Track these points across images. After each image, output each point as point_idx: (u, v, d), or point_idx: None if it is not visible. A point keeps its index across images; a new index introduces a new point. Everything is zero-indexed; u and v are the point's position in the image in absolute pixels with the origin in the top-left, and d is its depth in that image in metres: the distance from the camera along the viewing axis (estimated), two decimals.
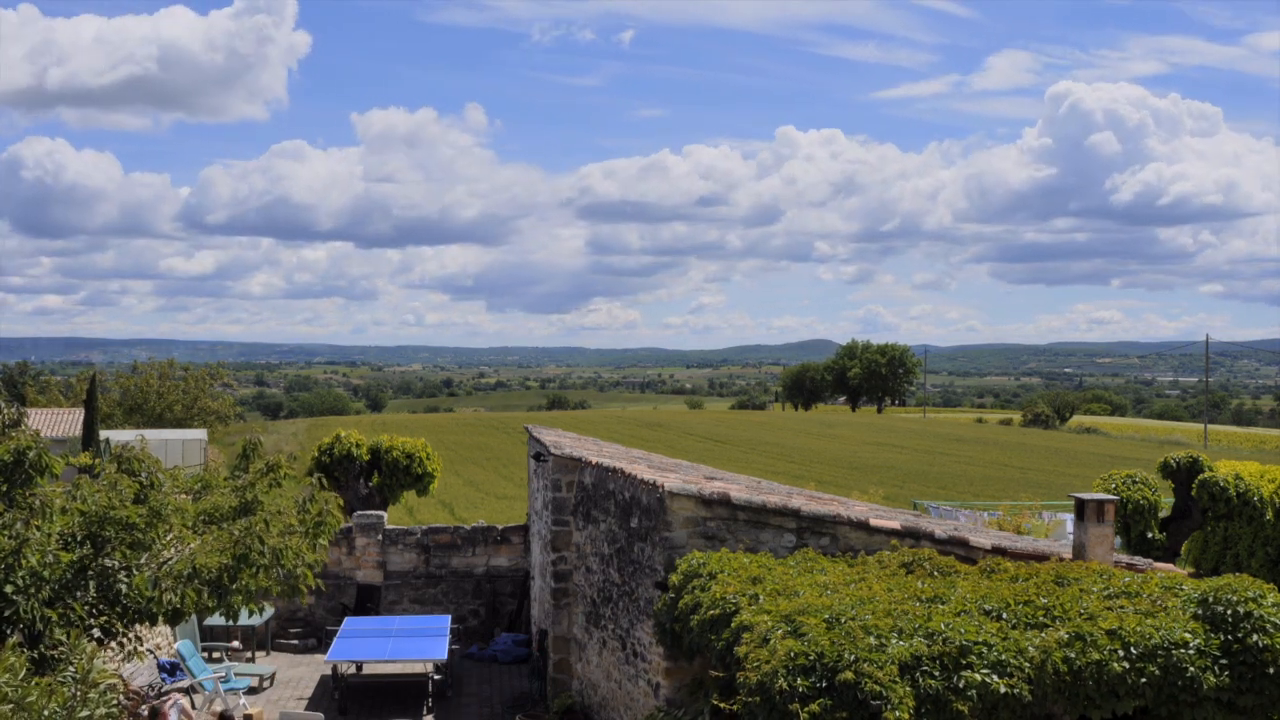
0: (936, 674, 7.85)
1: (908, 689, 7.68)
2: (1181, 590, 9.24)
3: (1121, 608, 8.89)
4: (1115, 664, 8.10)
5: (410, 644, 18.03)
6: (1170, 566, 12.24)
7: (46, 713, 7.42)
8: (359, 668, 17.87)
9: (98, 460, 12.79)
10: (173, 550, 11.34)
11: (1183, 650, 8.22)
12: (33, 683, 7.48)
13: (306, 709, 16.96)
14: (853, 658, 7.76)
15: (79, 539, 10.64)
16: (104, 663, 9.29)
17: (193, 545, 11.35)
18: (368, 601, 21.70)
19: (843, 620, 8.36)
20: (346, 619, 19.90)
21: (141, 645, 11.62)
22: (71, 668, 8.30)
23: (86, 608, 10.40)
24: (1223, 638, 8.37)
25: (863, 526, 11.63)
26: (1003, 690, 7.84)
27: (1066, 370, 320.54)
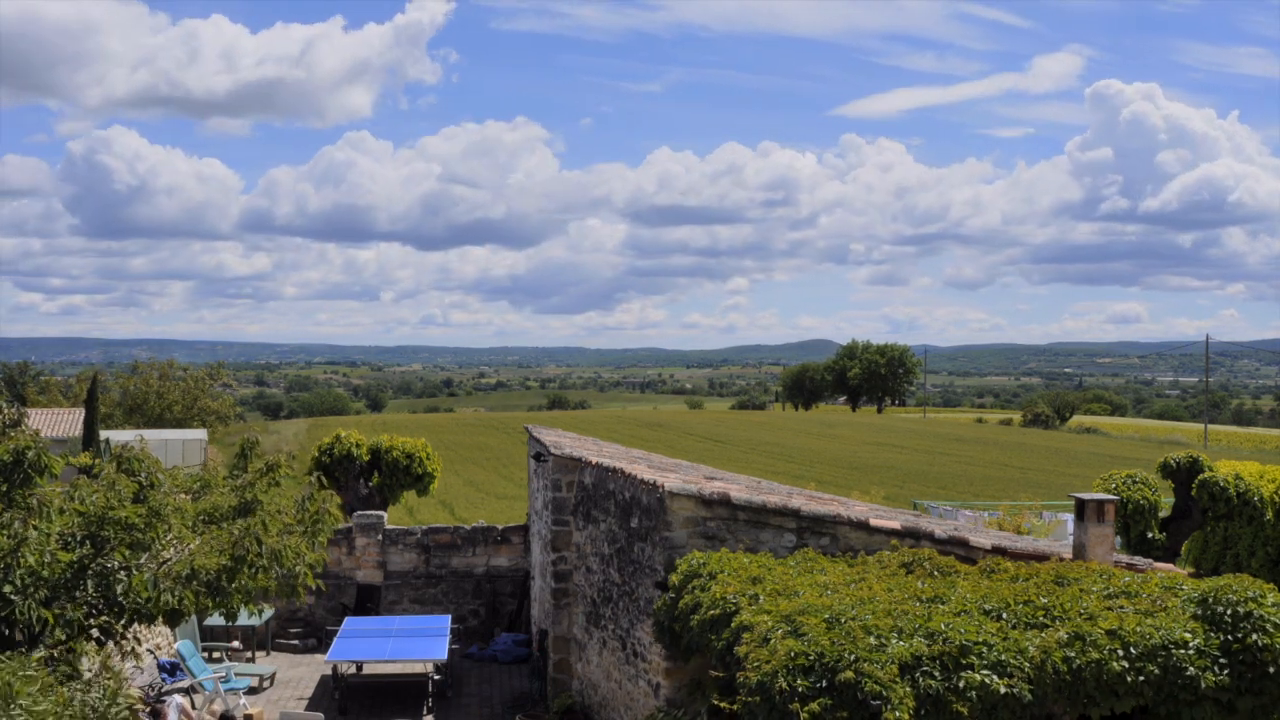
0: (936, 674, 7.84)
1: (908, 689, 7.67)
2: (1181, 590, 9.23)
3: (1121, 608, 8.88)
4: (1115, 664, 8.10)
5: (410, 644, 18.02)
6: (1170, 566, 12.24)
7: (51, 718, 7.38)
8: (359, 668, 17.87)
9: (97, 460, 12.78)
10: (172, 551, 11.33)
11: (1182, 650, 8.22)
12: (49, 696, 7.41)
13: (306, 709, 16.96)
14: (853, 657, 7.75)
15: (78, 539, 10.63)
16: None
17: (191, 546, 11.34)
18: (368, 601, 21.70)
19: (843, 620, 8.36)
20: (346, 619, 19.90)
21: (141, 645, 11.61)
22: (99, 689, 8.16)
23: (85, 608, 10.39)
24: (1222, 638, 8.37)
25: (863, 526, 11.62)
26: (1003, 690, 7.84)
27: (1066, 370, 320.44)
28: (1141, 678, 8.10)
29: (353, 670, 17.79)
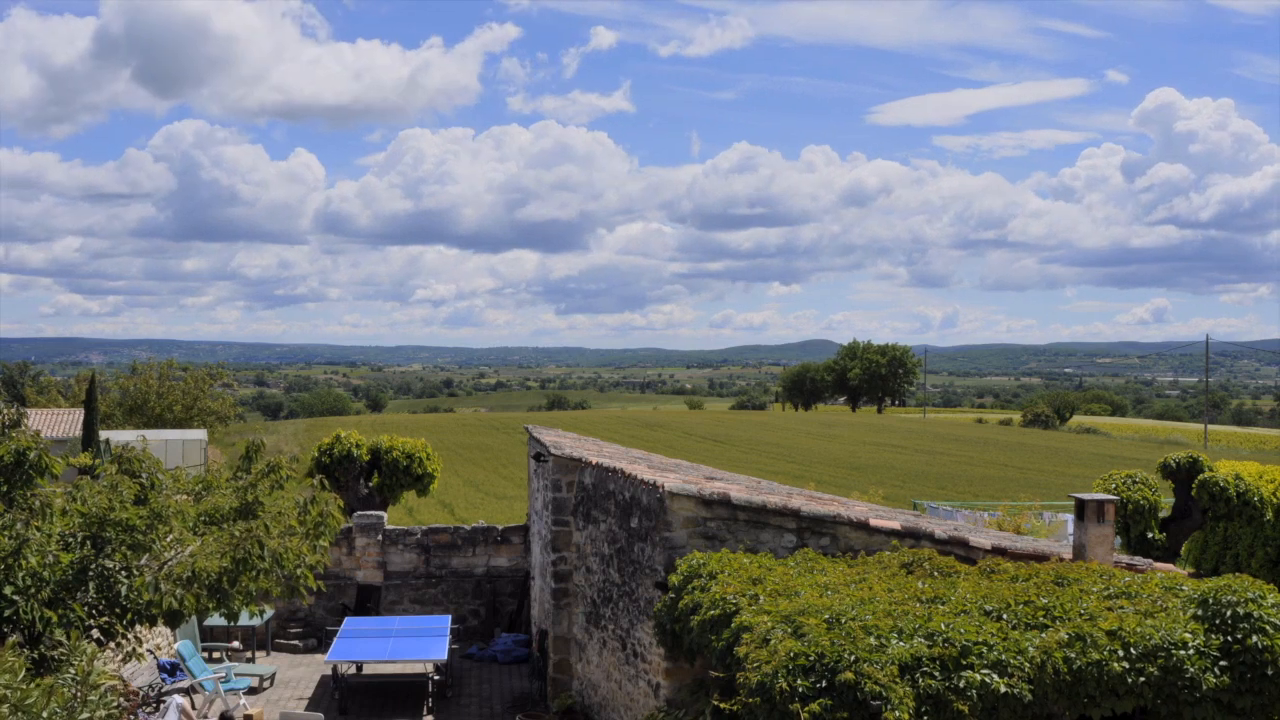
0: (936, 674, 7.85)
1: (908, 689, 7.68)
2: (1181, 591, 9.25)
3: (1121, 608, 8.89)
4: (1115, 664, 8.11)
5: (410, 644, 18.03)
6: (1170, 567, 12.24)
7: (46, 714, 7.41)
8: (359, 668, 17.87)
9: (98, 461, 12.78)
10: (173, 552, 11.33)
11: (1182, 650, 8.23)
12: (33, 684, 7.48)
13: (306, 709, 16.96)
14: (853, 658, 7.76)
15: (79, 540, 10.63)
16: (104, 663, 9.29)
17: (192, 547, 11.34)
18: (368, 602, 21.71)
19: (843, 620, 8.37)
20: (346, 619, 19.90)
21: (141, 646, 11.62)
22: (72, 669, 8.29)
23: (86, 608, 10.40)
24: (1222, 638, 8.38)
25: (863, 526, 11.63)
26: (1003, 690, 7.85)
27: (1066, 370, 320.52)
28: (1142, 678, 8.11)
29: (353, 670, 17.79)
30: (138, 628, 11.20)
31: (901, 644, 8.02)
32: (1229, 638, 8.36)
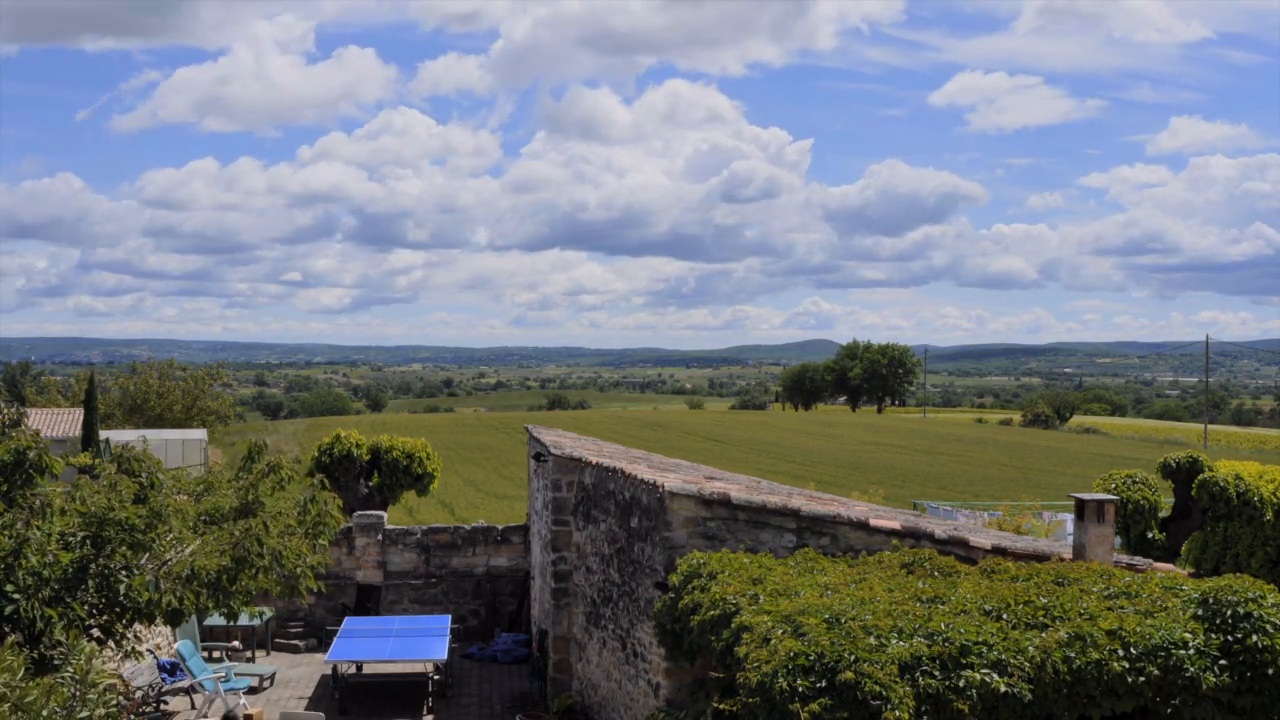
0: (936, 674, 7.85)
1: (908, 689, 7.68)
2: (1181, 590, 9.25)
3: (1121, 608, 8.89)
4: (1115, 664, 8.10)
5: (410, 644, 18.03)
6: (1170, 567, 12.25)
7: (46, 712, 7.41)
8: (359, 668, 17.88)
9: (98, 461, 12.78)
10: (173, 551, 11.33)
11: (1182, 650, 8.22)
12: (32, 683, 7.48)
13: (306, 709, 16.96)
14: (853, 658, 7.76)
15: (79, 539, 10.64)
16: (103, 662, 9.29)
17: (192, 546, 11.35)
18: (368, 601, 21.71)
19: (843, 620, 8.37)
20: (346, 619, 19.90)
21: (141, 645, 11.63)
22: (70, 668, 8.30)
23: (87, 608, 10.40)
24: (1222, 638, 8.38)
25: (863, 526, 11.63)
26: (1003, 690, 7.84)
27: (1066, 370, 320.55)
28: (1141, 678, 8.11)
29: (353, 670, 17.80)
30: (137, 626, 11.21)
31: (901, 644, 8.02)
32: (1229, 637, 8.36)
